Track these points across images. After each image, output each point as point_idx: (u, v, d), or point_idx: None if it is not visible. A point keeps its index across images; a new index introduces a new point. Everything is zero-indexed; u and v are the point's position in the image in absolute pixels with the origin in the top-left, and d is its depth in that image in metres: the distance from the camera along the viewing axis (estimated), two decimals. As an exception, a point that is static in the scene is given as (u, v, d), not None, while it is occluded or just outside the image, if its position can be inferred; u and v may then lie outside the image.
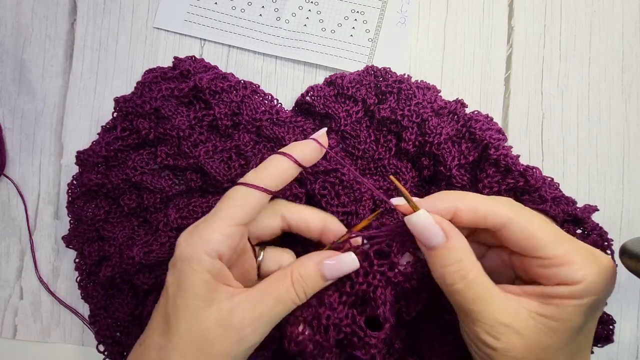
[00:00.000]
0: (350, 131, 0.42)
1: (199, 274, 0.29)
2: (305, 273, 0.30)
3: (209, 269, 0.29)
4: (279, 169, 0.32)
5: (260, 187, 0.31)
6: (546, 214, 0.36)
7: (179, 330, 0.28)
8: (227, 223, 0.30)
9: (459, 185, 0.39)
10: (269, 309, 0.29)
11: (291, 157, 0.32)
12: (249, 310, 0.29)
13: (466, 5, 0.47)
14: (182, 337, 0.28)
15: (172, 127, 0.40)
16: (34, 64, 0.48)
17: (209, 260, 0.29)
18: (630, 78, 0.46)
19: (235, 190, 0.31)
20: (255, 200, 0.31)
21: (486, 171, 0.38)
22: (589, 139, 0.46)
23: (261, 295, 0.30)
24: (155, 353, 0.29)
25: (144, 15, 0.48)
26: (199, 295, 0.29)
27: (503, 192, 0.37)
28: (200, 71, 0.43)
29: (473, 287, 0.28)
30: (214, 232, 0.29)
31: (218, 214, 0.30)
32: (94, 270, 0.42)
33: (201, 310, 0.29)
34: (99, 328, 0.42)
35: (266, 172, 0.32)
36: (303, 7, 0.47)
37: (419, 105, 0.40)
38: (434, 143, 0.39)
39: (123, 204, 0.42)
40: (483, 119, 0.40)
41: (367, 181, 0.35)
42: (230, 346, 0.28)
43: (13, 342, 0.47)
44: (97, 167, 0.42)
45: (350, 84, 0.42)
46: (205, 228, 0.30)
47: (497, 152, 0.37)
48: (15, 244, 0.47)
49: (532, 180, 0.36)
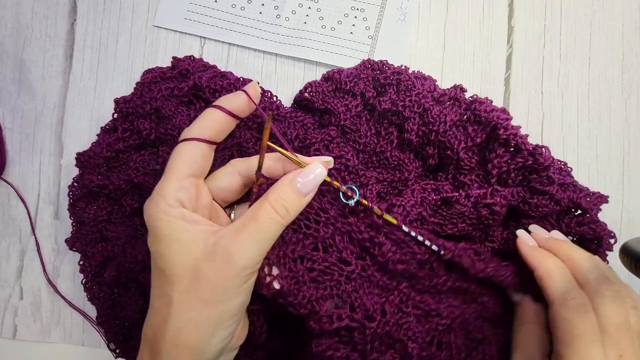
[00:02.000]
0: (351, 125, 0.42)
1: (171, 223, 0.30)
2: (281, 192, 0.31)
3: (178, 215, 0.30)
4: (211, 119, 0.34)
5: (197, 139, 0.33)
6: (552, 197, 0.37)
7: (173, 273, 0.29)
8: (176, 177, 0.32)
9: (468, 168, 0.39)
10: (252, 230, 0.30)
11: (222, 108, 0.34)
12: (232, 238, 0.29)
13: (466, 5, 0.47)
14: (179, 276, 0.29)
15: (173, 127, 0.40)
16: (34, 64, 0.48)
17: (172, 210, 0.30)
18: (630, 78, 0.46)
19: (176, 148, 0.33)
20: (194, 150, 0.33)
21: (495, 151, 0.38)
22: (589, 139, 0.46)
23: (243, 222, 0.30)
24: (159, 303, 0.30)
25: (144, 15, 0.48)
26: (180, 240, 0.30)
27: (512, 172, 0.38)
28: (199, 70, 0.43)
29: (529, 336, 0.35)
30: (167, 187, 0.31)
31: (166, 173, 0.32)
32: (99, 272, 0.42)
33: (186, 250, 0.29)
34: (109, 327, 0.42)
35: (200, 124, 0.34)
36: (303, 4, 0.47)
37: (419, 95, 0.40)
38: (439, 131, 0.39)
39: (125, 204, 0.42)
40: (486, 101, 0.40)
41: (295, 155, 0.35)
42: (221, 272, 0.29)
43: (13, 342, 0.47)
44: (98, 169, 0.42)
45: (348, 79, 0.42)
46: (159, 187, 0.32)
47: (506, 132, 0.37)
48: (15, 244, 0.47)
49: (541, 158, 0.36)
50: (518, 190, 0.38)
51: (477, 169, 0.39)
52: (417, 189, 0.38)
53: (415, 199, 0.37)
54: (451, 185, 0.39)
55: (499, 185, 0.38)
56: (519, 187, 0.38)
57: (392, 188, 0.41)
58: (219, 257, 0.29)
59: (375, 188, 0.39)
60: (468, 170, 0.39)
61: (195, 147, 0.33)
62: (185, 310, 0.29)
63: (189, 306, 0.29)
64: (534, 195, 0.38)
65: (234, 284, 0.29)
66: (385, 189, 0.41)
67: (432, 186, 0.38)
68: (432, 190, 0.38)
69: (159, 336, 0.29)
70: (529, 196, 0.38)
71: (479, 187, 0.38)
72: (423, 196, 0.37)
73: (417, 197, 0.37)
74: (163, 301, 0.30)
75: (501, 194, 0.36)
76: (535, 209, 0.38)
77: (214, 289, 0.29)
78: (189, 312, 0.29)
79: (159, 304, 0.30)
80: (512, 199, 0.37)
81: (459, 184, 0.39)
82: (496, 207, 0.36)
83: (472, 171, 0.39)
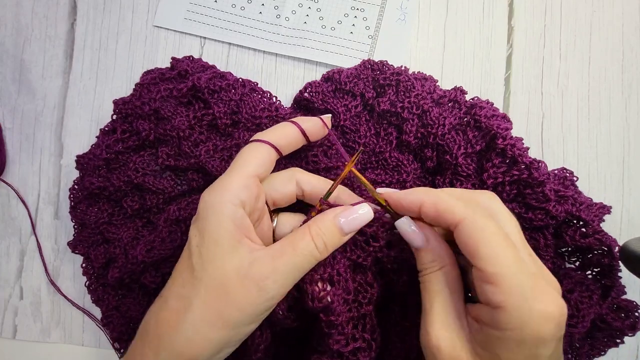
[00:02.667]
0: (350, 125, 0.42)
1: (222, 223, 0.30)
2: (323, 226, 0.31)
3: (231, 216, 0.30)
4: (285, 132, 0.35)
5: (268, 142, 0.34)
6: (547, 213, 0.36)
7: (202, 279, 0.29)
8: (243, 174, 0.32)
9: (465, 174, 0.39)
10: (288, 260, 0.30)
11: (297, 125, 0.35)
12: (269, 263, 0.29)
13: (466, 5, 0.47)
14: (205, 285, 0.29)
15: (172, 128, 0.40)
16: (34, 64, 0.48)
17: (232, 208, 0.30)
18: (630, 78, 0.46)
19: (246, 147, 0.34)
20: (264, 153, 0.33)
21: (492, 160, 0.38)
22: (589, 139, 0.46)
23: (282, 249, 0.30)
24: (175, 302, 0.30)
25: (144, 15, 0.48)
26: (222, 244, 0.29)
27: (507, 184, 0.37)
28: (198, 71, 0.43)
29: (436, 283, 0.30)
30: (233, 181, 0.31)
31: (234, 168, 0.32)
32: (102, 273, 0.42)
33: (223, 260, 0.29)
34: (114, 328, 0.42)
35: (274, 132, 0.35)
36: (303, 4, 0.47)
37: (418, 96, 0.40)
38: (437, 134, 0.39)
39: (126, 206, 0.42)
40: (487, 105, 0.40)
41: (363, 177, 0.35)
42: (250, 296, 0.29)
43: (13, 342, 0.47)
44: (98, 170, 0.42)
45: (347, 79, 0.42)
46: (225, 179, 0.32)
47: (504, 142, 0.37)
48: (15, 244, 0.47)
49: (537, 173, 0.36)
50: (512, 207, 0.37)
51: (474, 177, 0.39)
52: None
53: None
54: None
55: None
56: (514, 203, 0.37)
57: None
58: (251, 281, 0.29)
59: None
60: (465, 177, 0.39)
61: (265, 150, 0.33)
62: (203, 324, 0.29)
63: (208, 321, 0.29)
64: (529, 211, 0.37)
65: (258, 310, 0.29)
66: None
67: None
68: None
69: (164, 336, 0.29)
70: (524, 211, 0.37)
71: None
72: None
73: None
74: (181, 302, 0.29)
75: None
76: (530, 222, 0.37)
77: (239, 311, 0.29)
78: (206, 327, 0.29)
79: (175, 303, 0.30)
80: None
81: None
82: None
83: (468, 178, 0.39)
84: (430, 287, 0.30)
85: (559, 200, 0.37)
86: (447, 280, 0.30)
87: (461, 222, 0.28)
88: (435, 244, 0.30)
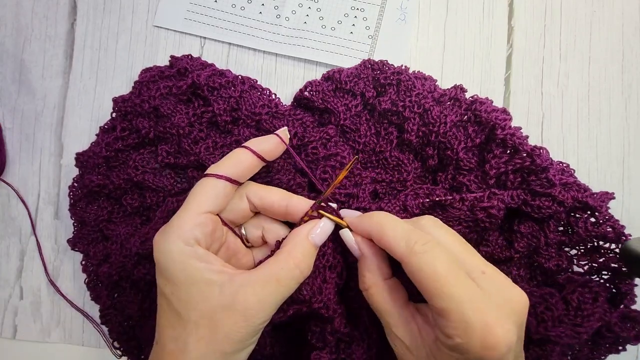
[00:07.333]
0: (350, 125, 0.42)
1: (185, 265, 0.30)
2: (302, 249, 0.32)
3: (193, 256, 0.30)
4: (239, 160, 0.34)
5: (223, 176, 0.33)
6: (554, 199, 0.36)
7: (190, 319, 0.29)
8: (196, 212, 0.31)
9: (467, 169, 0.39)
10: (273, 291, 0.30)
11: (251, 150, 0.34)
12: (252, 294, 0.29)
13: (466, 5, 0.47)
14: (196, 323, 0.29)
15: (171, 125, 0.40)
16: (34, 64, 0.48)
17: (189, 249, 0.30)
18: (630, 78, 0.46)
19: (200, 182, 0.33)
20: (219, 188, 0.33)
21: (493, 151, 0.38)
22: (589, 139, 0.46)
23: (265, 279, 0.30)
24: (173, 345, 0.30)
25: (144, 15, 0.48)
26: (197, 283, 0.29)
27: (511, 172, 0.37)
28: (197, 69, 0.43)
29: (371, 298, 0.33)
30: (185, 222, 0.31)
31: (187, 206, 0.32)
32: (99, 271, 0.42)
33: (204, 296, 0.29)
34: (112, 326, 0.42)
35: (227, 163, 0.34)
36: (303, 4, 0.47)
37: (419, 95, 0.40)
38: (439, 132, 0.39)
39: (126, 203, 0.42)
40: (487, 101, 0.40)
41: (311, 174, 0.38)
42: (238, 327, 0.29)
43: (13, 342, 0.47)
44: (98, 168, 0.42)
45: (348, 78, 0.42)
46: (175, 221, 0.31)
47: (503, 132, 0.37)
48: (15, 244, 0.47)
49: (539, 159, 0.36)
50: (518, 193, 0.37)
51: (477, 170, 0.39)
52: (409, 194, 0.38)
53: (399, 204, 0.37)
54: (444, 189, 0.39)
55: (498, 188, 0.37)
56: (519, 190, 0.37)
57: (391, 189, 0.41)
58: (237, 312, 0.29)
59: (369, 188, 0.39)
60: (467, 171, 0.39)
61: (219, 184, 0.33)
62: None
63: (206, 356, 0.29)
64: (536, 197, 0.37)
65: (250, 336, 0.30)
66: (384, 189, 0.41)
67: (425, 191, 0.38)
68: (425, 195, 0.38)
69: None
70: (530, 198, 0.37)
71: (477, 189, 0.38)
72: (404, 202, 0.37)
73: (400, 201, 0.37)
74: (177, 345, 0.29)
75: (499, 197, 0.36)
76: (538, 210, 0.37)
77: (233, 342, 0.29)
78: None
79: (172, 347, 0.30)
80: (512, 201, 0.37)
81: (458, 185, 0.39)
82: (493, 210, 0.36)
83: (471, 172, 0.39)
84: (370, 300, 0.33)
85: (564, 186, 0.37)
86: (386, 294, 0.32)
87: (402, 260, 0.30)
88: (370, 261, 0.33)
